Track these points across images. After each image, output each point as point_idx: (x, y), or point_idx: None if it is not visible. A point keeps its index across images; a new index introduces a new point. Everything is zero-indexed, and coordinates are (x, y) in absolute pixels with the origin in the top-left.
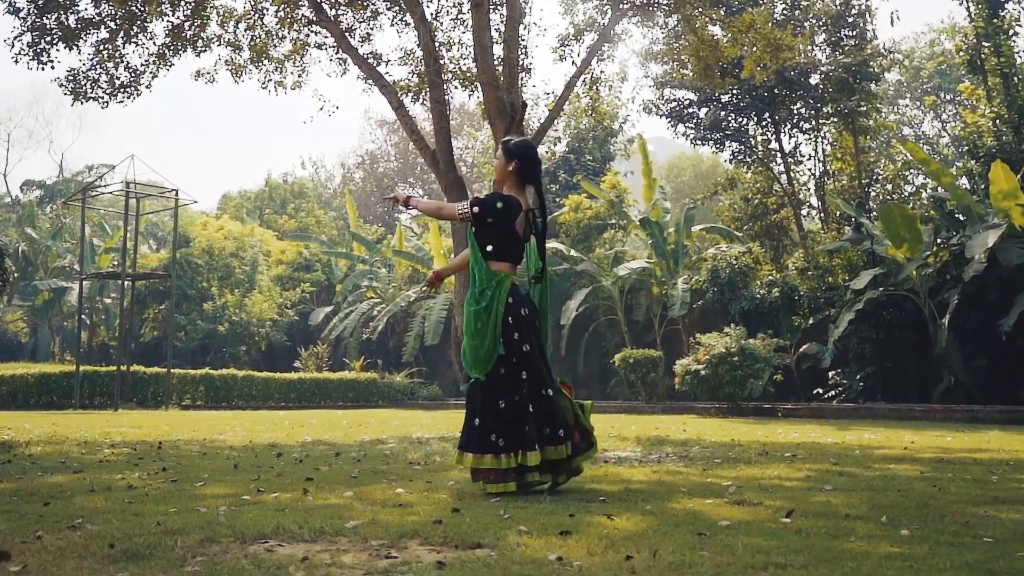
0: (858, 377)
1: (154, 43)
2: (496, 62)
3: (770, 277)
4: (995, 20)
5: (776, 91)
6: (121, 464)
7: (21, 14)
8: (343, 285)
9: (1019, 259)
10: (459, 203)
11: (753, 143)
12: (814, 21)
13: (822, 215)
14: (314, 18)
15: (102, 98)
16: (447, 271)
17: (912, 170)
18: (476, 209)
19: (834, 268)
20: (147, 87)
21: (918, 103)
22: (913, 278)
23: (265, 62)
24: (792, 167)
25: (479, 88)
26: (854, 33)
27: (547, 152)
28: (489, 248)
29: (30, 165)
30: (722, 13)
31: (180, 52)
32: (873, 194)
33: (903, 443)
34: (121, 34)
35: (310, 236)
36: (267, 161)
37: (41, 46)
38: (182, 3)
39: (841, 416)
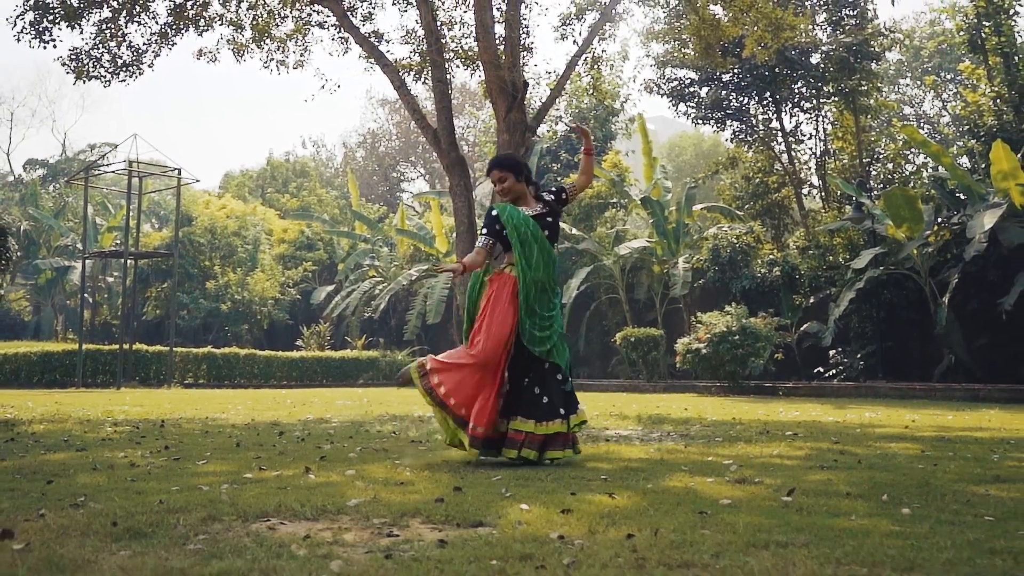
0: (859, 356)
1: (156, 22)
2: (497, 41)
3: (771, 256)
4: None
5: (777, 70)
6: (123, 442)
7: None
8: (345, 264)
9: (1019, 238)
10: None
11: (754, 122)
12: (815, 0)
13: (823, 194)
14: None
15: (104, 77)
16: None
17: (913, 149)
18: None
19: (835, 247)
20: (149, 66)
21: (919, 82)
22: (914, 257)
23: (267, 41)
24: (793, 146)
25: (480, 67)
26: (855, 12)
27: (548, 131)
28: None
29: (33, 144)
30: None
31: (182, 31)
32: (874, 173)
33: (904, 422)
34: (123, 13)
35: (312, 215)
36: (268, 140)
37: (43, 25)
38: None
39: (842, 395)
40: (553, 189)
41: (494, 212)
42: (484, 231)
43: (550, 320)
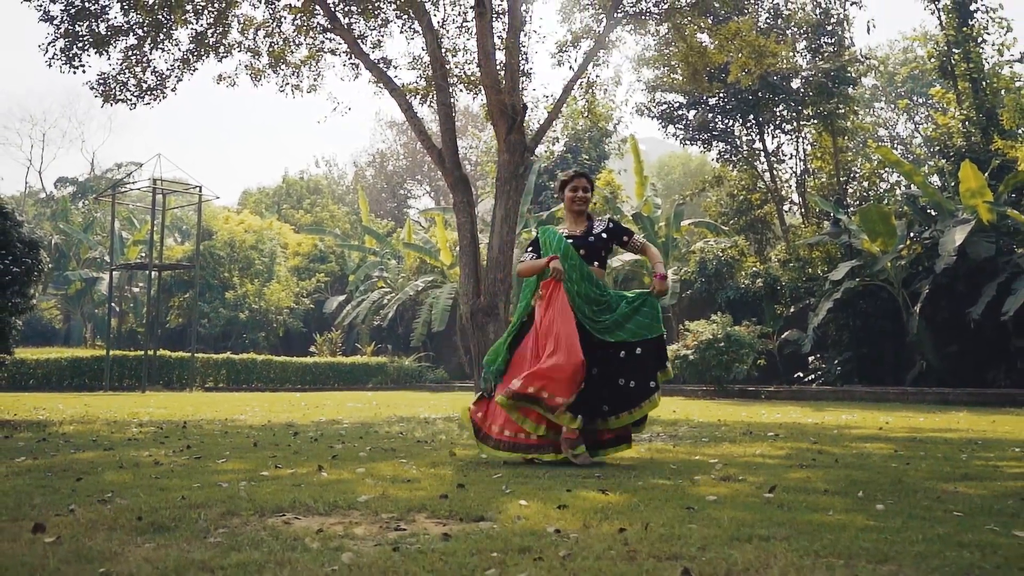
0: (836, 362)
1: (179, 49)
2: (498, 67)
3: (754, 268)
4: (964, 28)
5: (760, 94)
6: (148, 442)
7: (55, 22)
8: (355, 275)
9: (987, 252)
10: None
11: (738, 143)
12: (795, 29)
13: (803, 210)
14: (328, 26)
15: (130, 100)
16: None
17: (887, 168)
18: None
19: (814, 260)
20: (172, 90)
21: (892, 106)
22: (888, 270)
23: (283, 67)
24: (775, 165)
25: (482, 91)
26: (833, 40)
27: (546, 151)
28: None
29: (63, 163)
30: (710, 22)
31: (203, 57)
32: (850, 191)
33: (878, 423)
34: (148, 41)
35: (325, 230)
36: (284, 160)
37: (73, 52)
38: (205, 12)
39: (820, 398)
40: (613, 226)
41: (536, 236)
42: (530, 249)
43: (606, 304)
